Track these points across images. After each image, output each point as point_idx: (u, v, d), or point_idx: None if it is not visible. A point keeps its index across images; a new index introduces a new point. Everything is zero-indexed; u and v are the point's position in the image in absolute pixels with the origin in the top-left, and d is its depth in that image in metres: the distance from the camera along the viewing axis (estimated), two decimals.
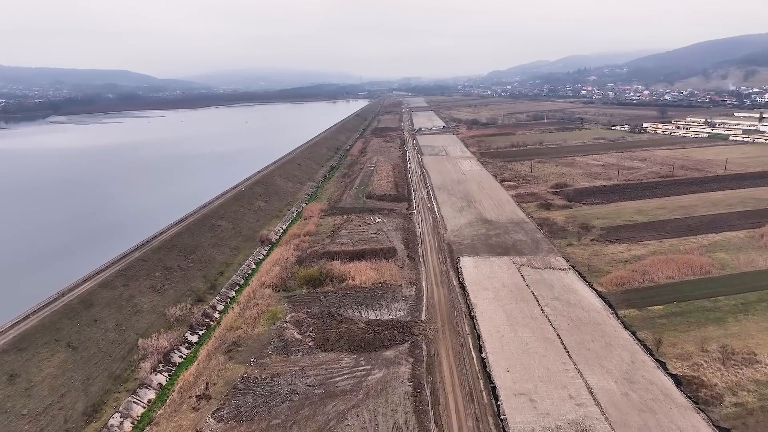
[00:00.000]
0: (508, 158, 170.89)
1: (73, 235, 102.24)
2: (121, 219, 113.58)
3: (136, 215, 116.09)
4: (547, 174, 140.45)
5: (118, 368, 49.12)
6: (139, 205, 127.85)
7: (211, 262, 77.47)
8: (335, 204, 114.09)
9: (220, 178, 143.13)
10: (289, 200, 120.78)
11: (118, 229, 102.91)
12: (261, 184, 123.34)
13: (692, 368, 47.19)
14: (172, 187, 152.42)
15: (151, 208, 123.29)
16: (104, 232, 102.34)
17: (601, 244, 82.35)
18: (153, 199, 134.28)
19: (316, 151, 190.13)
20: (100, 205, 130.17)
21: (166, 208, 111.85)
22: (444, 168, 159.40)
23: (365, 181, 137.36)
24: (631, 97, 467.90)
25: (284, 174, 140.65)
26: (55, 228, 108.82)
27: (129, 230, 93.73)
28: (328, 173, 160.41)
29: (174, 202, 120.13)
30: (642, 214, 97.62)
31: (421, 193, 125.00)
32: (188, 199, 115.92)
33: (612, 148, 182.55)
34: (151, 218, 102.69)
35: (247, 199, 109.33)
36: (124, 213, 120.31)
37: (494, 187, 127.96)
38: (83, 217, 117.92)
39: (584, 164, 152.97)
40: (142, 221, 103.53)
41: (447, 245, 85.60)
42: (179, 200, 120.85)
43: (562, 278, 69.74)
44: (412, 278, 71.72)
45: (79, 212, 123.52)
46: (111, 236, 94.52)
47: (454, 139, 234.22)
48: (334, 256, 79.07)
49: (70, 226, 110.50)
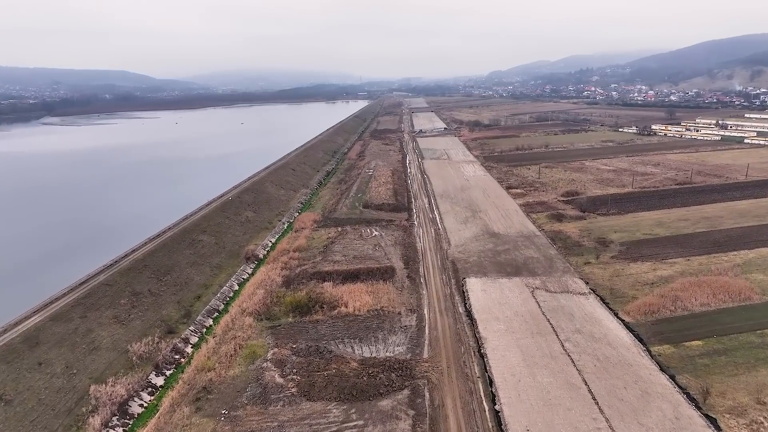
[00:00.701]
0: (513, 162, 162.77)
1: (30, 255, 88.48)
2: (92, 235, 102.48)
3: (109, 230, 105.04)
4: (555, 180, 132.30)
5: (61, 426, 41.01)
6: (114, 219, 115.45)
7: (187, 284, 69.40)
8: (330, 214, 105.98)
9: (208, 185, 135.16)
10: (281, 210, 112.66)
11: (86, 246, 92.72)
12: (251, 191, 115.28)
13: (750, 428, 39.15)
14: (154, 196, 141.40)
15: (126, 221, 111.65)
16: (68, 252, 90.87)
17: (622, 263, 74.32)
18: (130, 211, 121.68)
19: (311, 155, 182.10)
20: (68, 218, 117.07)
21: (144, 222, 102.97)
22: (446, 173, 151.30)
23: (362, 188, 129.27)
24: (636, 98, 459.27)
25: (277, 180, 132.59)
26: (8, 246, 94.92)
27: (98, 248, 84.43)
28: (323, 179, 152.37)
29: (153, 215, 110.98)
30: (663, 227, 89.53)
31: (422, 202, 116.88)
32: (171, 209, 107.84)
33: (622, 151, 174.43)
34: (125, 233, 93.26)
35: (234, 209, 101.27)
36: (96, 228, 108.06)
37: (500, 195, 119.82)
38: (46, 233, 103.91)
39: (594, 169, 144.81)
40: (114, 237, 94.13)
41: (451, 263, 77.55)
42: (159, 211, 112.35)
43: (582, 305, 61.66)
44: (413, 304, 63.68)
45: (42, 226, 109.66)
46: (76, 256, 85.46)
47: (456, 142, 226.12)
48: (326, 277, 71.04)
49: (28, 244, 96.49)
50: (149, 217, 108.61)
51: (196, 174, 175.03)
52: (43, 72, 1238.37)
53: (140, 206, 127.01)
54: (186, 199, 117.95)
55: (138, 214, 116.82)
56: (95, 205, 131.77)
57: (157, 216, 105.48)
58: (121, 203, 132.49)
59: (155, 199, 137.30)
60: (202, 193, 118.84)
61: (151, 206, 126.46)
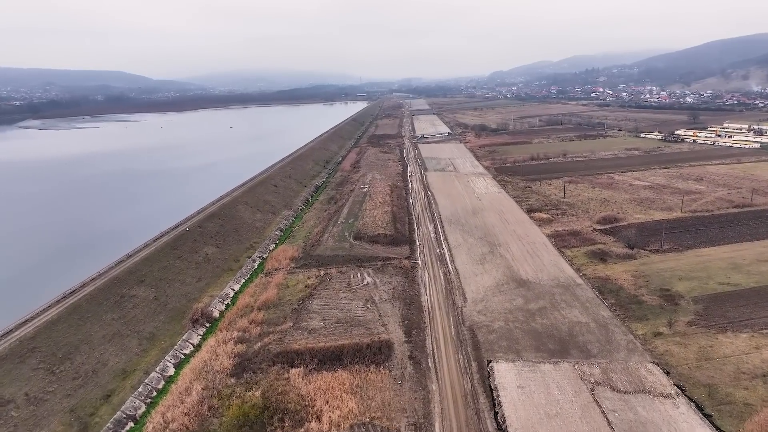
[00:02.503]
0: (530, 175, 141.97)
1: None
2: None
3: (10, 284, 75.95)
4: (584, 200, 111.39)
5: None
6: (20, 266, 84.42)
7: (97, 372, 48.62)
8: (312, 249, 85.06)
9: (168, 208, 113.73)
10: (254, 241, 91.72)
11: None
12: (217, 218, 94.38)
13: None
14: (93, 225, 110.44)
15: (39, 269, 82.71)
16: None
17: (706, 333, 53.68)
18: (50, 253, 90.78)
19: (300, 166, 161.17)
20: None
21: (59, 270, 78.96)
22: (454, 189, 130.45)
23: (355, 210, 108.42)
24: (649, 100, 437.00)
25: (253, 200, 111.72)
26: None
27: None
28: (311, 196, 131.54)
29: (79, 256, 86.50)
30: (741, 272, 68.71)
31: (426, 230, 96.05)
32: (109, 245, 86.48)
33: (652, 162, 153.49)
34: (25, 293, 69.38)
35: (190, 244, 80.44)
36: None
37: (521, 221, 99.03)
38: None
39: (627, 185, 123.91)
40: (13, 296, 70.00)
41: (469, 331, 56.84)
42: (92, 250, 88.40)
43: (672, 419, 40.94)
44: (418, 413, 43.12)
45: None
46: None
47: (463, 150, 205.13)
48: (295, 359, 50.44)
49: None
50: (72, 260, 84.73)
51: (162, 191, 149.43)
52: (38, 73, 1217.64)
53: (66, 243, 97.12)
54: (136, 229, 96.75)
55: (58, 256, 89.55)
56: (18, 242, 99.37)
57: (82, 258, 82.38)
58: (45, 239, 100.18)
59: (93, 229, 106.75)
60: (161, 219, 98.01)
61: (82, 241, 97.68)
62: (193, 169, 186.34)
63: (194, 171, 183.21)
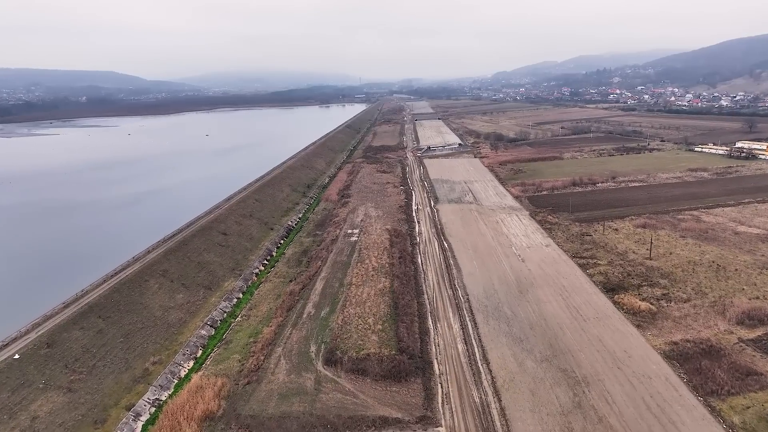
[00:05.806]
0: (580, 212, 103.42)
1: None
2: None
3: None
4: (684, 264, 72.59)
5: None
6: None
7: None
8: (244, 393, 46.34)
9: (17, 295, 73.69)
10: (153, 360, 52.75)
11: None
12: (96, 314, 55.61)
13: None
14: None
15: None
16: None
17: None
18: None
19: (270, 196, 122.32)
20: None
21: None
22: (481, 238, 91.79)
23: (334, 285, 69.85)
24: (677, 103, 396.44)
25: (181, 264, 73.04)
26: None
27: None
28: (277, 247, 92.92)
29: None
30: None
31: (449, 335, 57.44)
32: None
33: (737, 191, 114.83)
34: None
35: (7, 395, 41.71)
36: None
37: (604, 314, 60.38)
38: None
39: (730, 233, 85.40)
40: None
41: None
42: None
43: None
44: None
45: None
46: None
47: (480, 168, 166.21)
48: None
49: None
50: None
51: (36, 250, 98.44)
52: (26, 73, 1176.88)
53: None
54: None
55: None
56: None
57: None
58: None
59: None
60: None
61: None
62: (117, 205, 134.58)
63: (116, 208, 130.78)
